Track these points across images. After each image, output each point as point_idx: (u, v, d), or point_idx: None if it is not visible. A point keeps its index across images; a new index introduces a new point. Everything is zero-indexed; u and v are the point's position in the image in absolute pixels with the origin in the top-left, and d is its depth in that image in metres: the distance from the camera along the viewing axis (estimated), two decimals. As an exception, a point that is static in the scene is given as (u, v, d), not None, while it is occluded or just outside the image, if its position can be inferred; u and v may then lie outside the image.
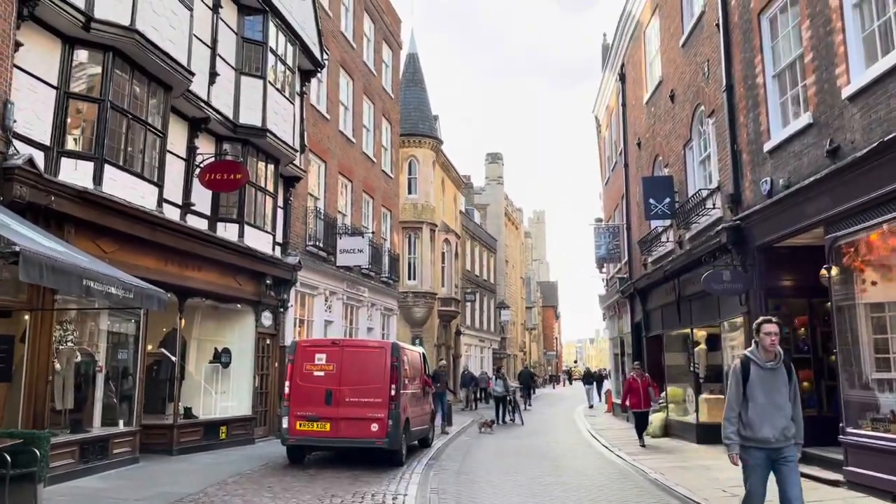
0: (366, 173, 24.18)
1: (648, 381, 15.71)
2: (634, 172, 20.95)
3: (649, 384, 15.62)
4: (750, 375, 5.97)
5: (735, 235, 12.15)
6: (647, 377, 15.92)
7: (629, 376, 16.00)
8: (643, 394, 15.39)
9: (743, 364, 6.10)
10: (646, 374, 16.04)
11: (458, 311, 36.89)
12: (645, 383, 15.51)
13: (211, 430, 14.73)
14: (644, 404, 15.46)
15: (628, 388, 15.69)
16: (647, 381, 15.65)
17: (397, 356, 12.62)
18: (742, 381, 6.00)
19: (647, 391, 15.48)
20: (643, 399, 15.42)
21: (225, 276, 14.94)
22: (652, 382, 15.84)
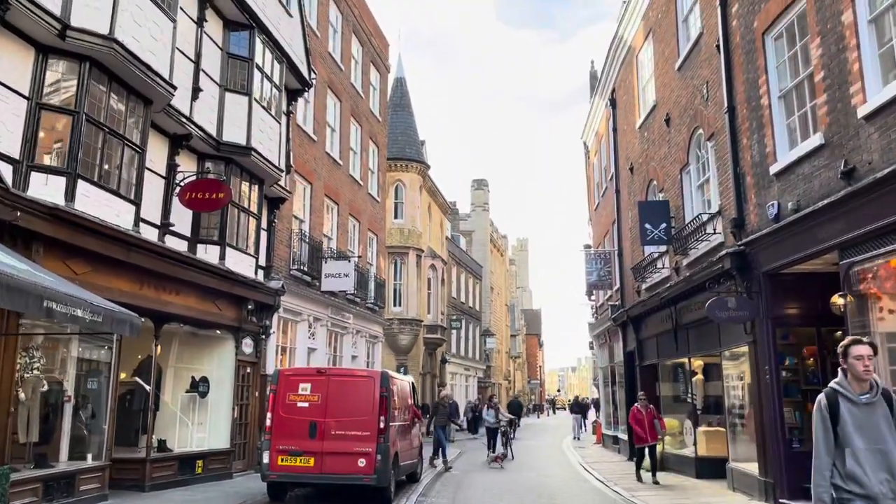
0: (352, 196, 23.62)
1: (654, 412, 15.00)
2: (626, 198, 20.56)
3: (655, 416, 14.91)
4: (840, 414, 4.56)
5: (739, 261, 11.69)
6: (653, 409, 15.19)
7: (634, 407, 15.21)
8: (649, 426, 14.68)
9: (829, 400, 4.63)
10: (651, 406, 15.25)
11: (443, 339, 36.20)
12: (651, 415, 14.80)
13: (186, 465, 13.91)
14: (650, 437, 14.73)
15: (634, 420, 14.92)
16: (653, 413, 14.94)
17: (386, 386, 11.95)
18: (831, 423, 4.57)
19: (652, 423, 14.72)
20: (648, 432, 14.70)
21: (204, 301, 14.24)
22: (657, 414, 15.17)
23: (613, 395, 24.59)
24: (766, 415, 11.20)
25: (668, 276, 16.33)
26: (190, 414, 14.95)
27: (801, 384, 11.17)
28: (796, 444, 10.89)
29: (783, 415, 10.92)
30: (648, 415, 14.70)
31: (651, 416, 14.71)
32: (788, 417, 10.95)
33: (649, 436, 14.62)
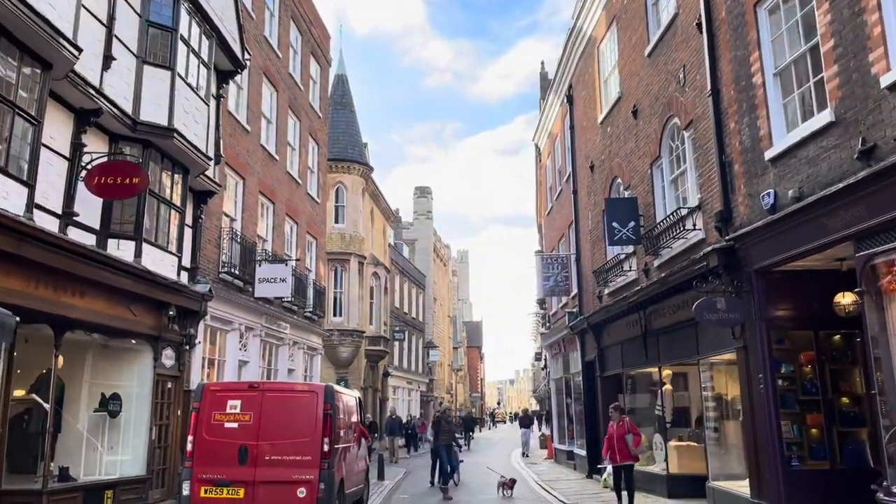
0: (290, 195, 21.78)
1: (627, 426, 12.61)
2: (585, 198, 19.43)
3: (627, 430, 12.48)
4: None
5: (727, 258, 10.53)
6: (628, 421, 12.84)
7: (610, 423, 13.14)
8: (618, 442, 12.45)
9: None
10: (625, 417, 13.02)
11: (386, 351, 34.44)
12: (621, 430, 12.50)
13: (93, 496, 11.84)
14: (620, 456, 12.43)
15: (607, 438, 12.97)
16: (625, 427, 12.54)
17: (331, 402, 10.28)
18: None
19: (623, 439, 12.36)
20: (618, 449, 12.44)
21: (116, 305, 12.25)
22: (632, 427, 12.65)
23: (568, 407, 23.36)
24: (761, 429, 10.02)
25: (636, 278, 15.16)
26: (99, 436, 12.88)
27: (798, 394, 10.04)
28: (795, 461, 9.74)
29: (780, 429, 9.75)
30: (619, 429, 12.53)
31: (622, 430, 12.51)
32: (786, 431, 9.79)
33: (619, 454, 12.44)
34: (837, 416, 9.89)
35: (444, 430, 16.83)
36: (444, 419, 17.24)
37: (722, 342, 11.35)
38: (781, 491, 9.52)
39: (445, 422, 17.13)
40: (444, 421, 17.12)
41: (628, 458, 12.46)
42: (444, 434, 16.81)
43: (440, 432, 16.86)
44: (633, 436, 12.39)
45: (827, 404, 9.92)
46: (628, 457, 12.45)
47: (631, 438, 12.35)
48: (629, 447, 12.38)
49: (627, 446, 12.37)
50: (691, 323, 12.52)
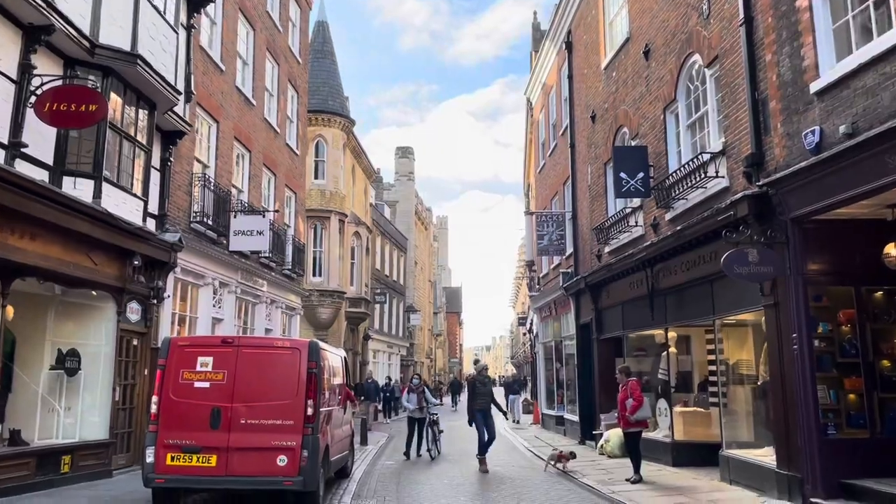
0: (267, 144, 20.35)
1: (629, 390, 11.67)
2: (585, 151, 18.27)
3: (628, 395, 11.56)
4: None
5: (758, 206, 9.46)
6: (631, 384, 11.81)
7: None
8: (620, 406, 11.80)
9: None
10: (630, 380, 11.93)
11: (367, 314, 33.32)
12: (623, 394, 11.69)
13: (48, 462, 10.69)
14: (623, 422, 11.77)
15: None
16: (627, 391, 11.66)
17: (316, 360, 9.11)
18: None
19: (622, 404, 11.61)
20: (621, 415, 11.87)
21: (73, 251, 10.95)
22: (633, 390, 11.63)
23: (558, 372, 22.49)
24: (793, 394, 9.06)
25: (643, 234, 14.11)
26: (56, 397, 11.67)
27: (835, 356, 9.08)
28: (832, 429, 8.83)
29: (816, 394, 8.79)
30: (622, 393, 11.75)
31: (624, 394, 11.67)
32: (822, 397, 8.84)
33: (621, 420, 11.77)
34: (879, 380, 8.97)
35: (479, 392, 14.11)
36: (479, 380, 14.30)
37: (745, 300, 10.35)
38: (816, 462, 8.61)
39: (481, 383, 14.22)
40: (480, 382, 14.22)
41: (625, 424, 11.72)
42: (481, 397, 14.16)
43: (475, 395, 14.13)
44: (632, 401, 11.50)
45: (867, 367, 8.98)
46: (626, 423, 11.68)
47: (629, 404, 11.49)
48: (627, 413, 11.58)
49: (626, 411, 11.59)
50: (707, 280, 11.56)
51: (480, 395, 14.10)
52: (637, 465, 11.57)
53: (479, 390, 14.07)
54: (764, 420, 11.06)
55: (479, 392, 14.08)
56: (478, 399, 14.11)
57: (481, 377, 14.40)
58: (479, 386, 14.12)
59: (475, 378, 14.47)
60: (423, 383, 17.29)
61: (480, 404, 14.10)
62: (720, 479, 11.17)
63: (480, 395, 14.10)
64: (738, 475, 10.69)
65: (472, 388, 14.17)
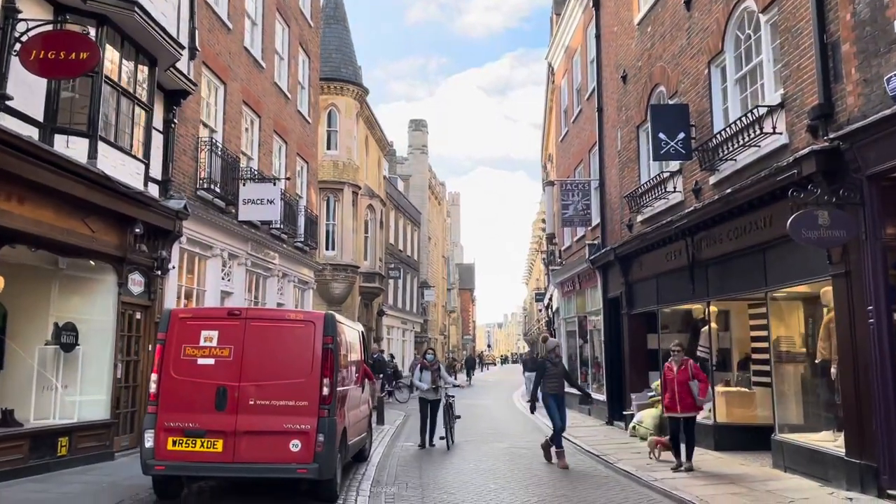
0: (278, 111, 19.36)
1: (692, 370, 10.40)
2: (614, 115, 17.16)
3: (691, 375, 10.31)
4: None
5: (827, 163, 8.43)
6: (692, 364, 10.58)
7: (668, 363, 10.83)
8: (679, 390, 10.32)
9: None
10: (688, 360, 10.69)
11: (381, 289, 32.46)
12: (684, 374, 10.33)
13: (43, 444, 9.92)
14: (680, 405, 10.33)
15: (664, 381, 10.90)
16: (689, 371, 10.35)
17: (332, 334, 8.21)
18: None
19: (685, 386, 10.26)
20: (679, 398, 10.34)
21: (67, 217, 10.07)
22: (697, 371, 10.48)
23: (581, 349, 21.58)
24: (867, 374, 8.08)
25: (681, 201, 13.07)
26: (53, 374, 10.86)
27: (916, 335, 8.07)
28: (913, 414, 7.83)
29: (895, 374, 7.81)
30: (681, 373, 10.36)
31: (685, 375, 10.33)
32: (902, 377, 7.85)
33: (679, 403, 10.34)
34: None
35: (551, 373, 12.01)
36: (549, 359, 12.24)
37: (806, 269, 9.35)
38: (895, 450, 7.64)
39: (552, 363, 12.13)
40: (551, 362, 12.15)
41: (692, 408, 10.42)
42: (553, 379, 11.98)
43: (546, 376, 11.99)
44: (699, 382, 10.31)
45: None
46: (692, 407, 10.40)
47: (696, 386, 10.28)
48: (694, 396, 10.33)
49: (692, 395, 10.32)
50: (758, 248, 10.55)
51: (552, 376, 12.00)
52: (691, 451, 10.52)
53: (550, 371, 12.03)
54: (822, 402, 10.14)
55: (550, 373, 12.01)
56: (549, 381, 12.00)
57: (552, 356, 12.34)
58: (550, 366, 12.08)
59: (545, 357, 12.52)
60: (437, 360, 15.23)
61: (553, 387, 11.96)
62: (773, 466, 10.25)
63: (552, 377, 12.00)
64: (795, 462, 9.75)
65: (542, 368, 12.19)
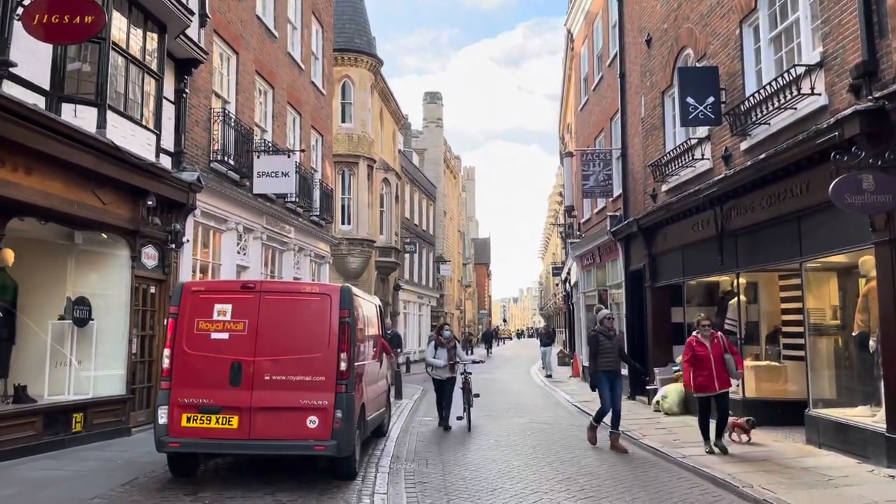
0: (291, 81, 18.96)
1: (724, 343, 9.72)
2: (637, 81, 16.60)
3: (725, 349, 9.63)
4: None
5: (871, 124, 7.95)
6: (723, 338, 9.86)
7: (692, 338, 9.89)
8: (716, 365, 9.49)
9: None
10: (719, 334, 9.91)
11: (397, 263, 32.22)
12: (718, 348, 9.57)
13: (57, 420, 9.78)
14: (718, 383, 9.54)
15: (689, 357, 9.78)
16: (722, 345, 9.64)
17: (349, 308, 7.91)
18: None
19: (721, 361, 9.50)
20: (716, 374, 9.51)
21: (77, 188, 9.80)
22: (730, 345, 9.87)
23: (601, 323, 21.17)
24: (911, 346, 7.67)
25: (710, 168, 12.59)
26: (66, 349, 10.68)
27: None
28: (960, 389, 7.42)
29: (943, 346, 7.39)
30: (715, 348, 9.54)
31: (719, 349, 9.55)
32: (949, 350, 7.43)
33: (717, 381, 9.50)
34: None
35: (605, 348, 10.57)
36: (601, 332, 10.74)
37: (847, 237, 8.90)
38: (942, 426, 7.26)
39: (605, 336, 10.68)
40: (604, 335, 10.69)
41: (728, 383, 9.70)
42: (607, 354, 10.56)
43: (599, 352, 10.59)
44: (734, 355, 9.73)
45: None
46: (728, 382, 9.69)
47: (732, 359, 9.62)
48: (731, 370, 9.60)
49: (729, 370, 9.59)
50: (793, 217, 10.10)
51: (606, 351, 10.56)
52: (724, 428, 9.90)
53: (603, 345, 10.59)
54: (859, 376, 9.74)
55: (603, 348, 10.58)
56: (603, 357, 10.56)
57: (604, 328, 10.79)
58: (603, 340, 10.64)
59: (597, 330, 10.93)
60: (454, 336, 14.19)
61: (607, 363, 10.52)
62: (806, 442, 9.89)
63: (607, 352, 10.56)
64: (831, 438, 9.38)
65: (595, 341, 10.72)
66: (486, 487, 7.99)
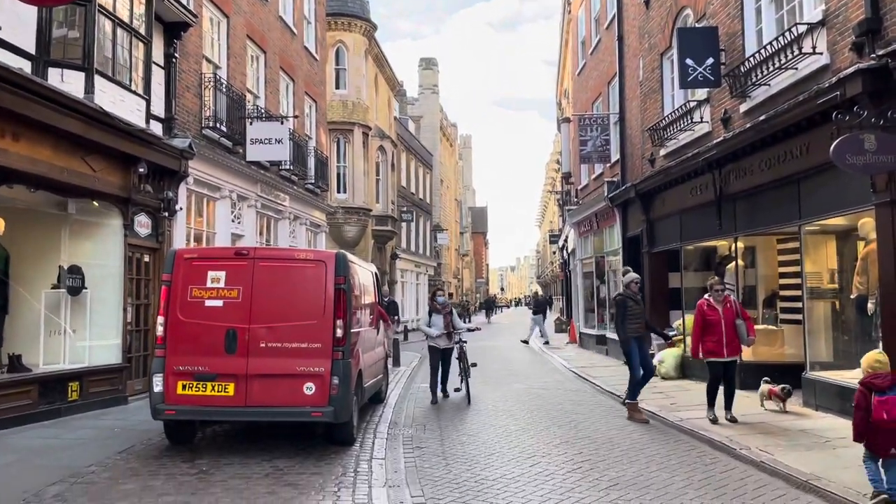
0: (284, 46, 18.64)
1: (736, 307, 9.26)
2: (636, 43, 16.34)
3: (737, 314, 9.14)
4: None
5: (875, 83, 7.79)
6: (735, 302, 9.46)
7: (703, 301, 9.33)
8: (727, 331, 8.98)
9: None
10: (731, 297, 9.52)
11: (394, 232, 32.09)
12: (730, 313, 9.06)
13: (53, 389, 9.74)
14: (728, 349, 9.01)
15: (700, 321, 9.22)
16: (734, 309, 9.16)
17: (344, 274, 7.82)
18: None
19: (733, 326, 9.00)
20: (727, 340, 8.99)
21: (66, 155, 9.64)
22: (742, 310, 9.40)
23: (598, 290, 21.20)
24: (911, 308, 7.62)
25: (709, 132, 12.43)
26: (60, 318, 10.61)
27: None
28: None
29: (943, 308, 7.34)
30: (727, 312, 9.03)
31: (731, 314, 9.05)
32: (949, 311, 7.39)
33: (727, 346, 8.99)
34: None
35: (633, 313, 10.13)
36: (629, 296, 10.26)
37: (847, 199, 8.80)
38: (940, 387, 7.22)
39: (633, 300, 10.25)
40: (632, 299, 10.25)
41: (738, 350, 9.18)
42: (636, 319, 10.13)
43: (627, 316, 10.09)
44: (745, 321, 9.22)
45: None
46: (738, 349, 9.17)
47: (744, 325, 9.10)
48: (742, 336, 9.10)
49: (740, 336, 9.09)
50: (793, 179, 9.99)
51: (635, 316, 10.14)
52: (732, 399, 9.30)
53: (632, 310, 10.14)
54: (857, 339, 9.72)
55: (632, 312, 10.13)
56: (631, 322, 10.09)
57: (631, 292, 10.30)
58: (631, 304, 10.18)
59: (624, 294, 10.37)
60: (449, 302, 13.56)
61: (636, 328, 10.09)
62: (803, 405, 9.90)
63: (635, 317, 10.13)
64: (827, 401, 9.40)
65: (623, 307, 10.17)
66: (484, 452, 7.99)
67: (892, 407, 5.48)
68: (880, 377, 5.64)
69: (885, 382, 5.58)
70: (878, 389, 5.57)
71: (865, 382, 5.70)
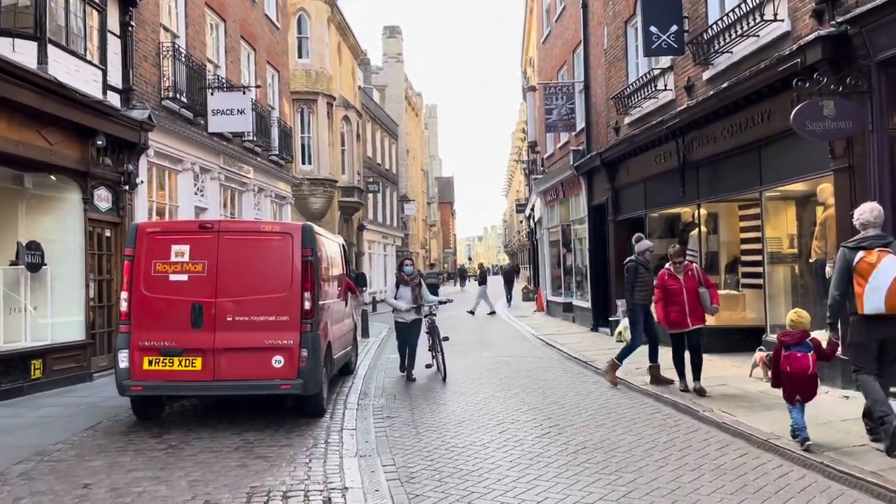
0: (244, 14, 18.21)
1: (699, 275, 9.01)
2: (600, 10, 16.31)
3: (700, 282, 8.90)
4: None
5: (834, 50, 7.91)
6: (697, 269, 9.19)
7: (665, 270, 9.06)
8: (689, 300, 8.75)
9: None
10: (694, 265, 9.37)
11: (361, 203, 31.88)
12: (692, 281, 8.82)
13: (15, 367, 9.59)
14: (694, 317, 8.77)
15: (661, 291, 8.99)
16: (697, 277, 8.91)
17: (311, 246, 7.77)
18: None
19: (695, 294, 8.76)
20: (691, 309, 8.76)
21: (20, 128, 9.35)
22: (704, 277, 9.14)
23: (564, 258, 21.41)
24: (866, 271, 7.82)
25: (673, 100, 12.54)
26: (20, 296, 10.38)
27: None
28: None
29: (896, 272, 7.55)
30: (689, 281, 8.80)
31: (693, 282, 8.81)
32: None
33: (690, 316, 8.74)
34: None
35: (643, 280, 9.70)
36: (640, 262, 9.82)
37: (807, 165, 8.98)
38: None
39: (646, 268, 9.81)
40: (645, 267, 9.80)
41: (702, 319, 8.92)
42: (646, 289, 9.66)
43: (637, 285, 9.72)
44: (709, 288, 8.93)
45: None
46: (703, 318, 8.92)
47: (707, 293, 8.86)
48: (706, 305, 8.84)
49: (703, 304, 8.84)
50: (754, 146, 10.17)
51: (645, 284, 9.67)
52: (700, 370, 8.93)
53: (643, 278, 9.71)
54: (815, 302, 9.96)
55: (643, 280, 9.70)
56: (640, 290, 9.71)
57: (644, 259, 9.87)
58: (643, 272, 9.76)
59: (636, 261, 9.88)
60: (417, 272, 12.45)
61: (644, 297, 9.68)
62: (763, 367, 10.15)
63: (645, 285, 9.66)
64: (786, 362, 9.64)
65: (635, 273, 9.75)
66: (454, 420, 8.08)
67: (794, 361, 6.17)
68: (789, 335, 6.30)
69: (792, 339, 6.25)
70: (785, 345, 6.26)
71: (778, 337, 6.45)
